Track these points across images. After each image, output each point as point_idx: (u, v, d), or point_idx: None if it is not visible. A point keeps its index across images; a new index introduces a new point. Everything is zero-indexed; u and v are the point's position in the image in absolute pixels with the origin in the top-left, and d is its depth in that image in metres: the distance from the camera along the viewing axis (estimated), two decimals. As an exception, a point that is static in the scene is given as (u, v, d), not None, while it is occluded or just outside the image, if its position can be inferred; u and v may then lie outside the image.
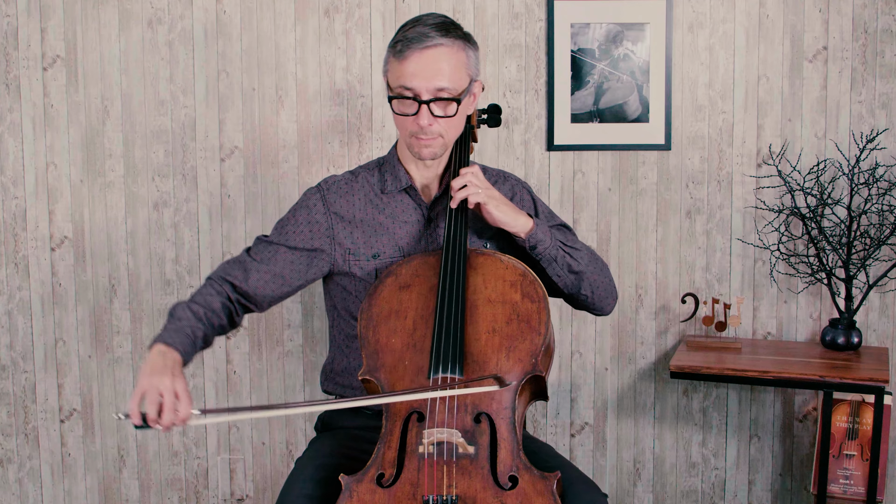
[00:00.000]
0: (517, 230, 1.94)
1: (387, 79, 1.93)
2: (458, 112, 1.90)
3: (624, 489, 3.06)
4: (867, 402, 2.73)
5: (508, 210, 1.93)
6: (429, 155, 1.93)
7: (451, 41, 1.87)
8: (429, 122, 1.87)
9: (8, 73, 3.03)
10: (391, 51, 1.90)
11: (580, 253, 2.01)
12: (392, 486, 1.70)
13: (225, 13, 2.99)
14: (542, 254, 1.95)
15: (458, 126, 1.95)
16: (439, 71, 1.85)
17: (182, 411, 1.70)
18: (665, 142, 2.92)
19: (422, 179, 2.03)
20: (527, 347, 1.79)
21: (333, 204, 2.01)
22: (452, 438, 1.72)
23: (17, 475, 3.18)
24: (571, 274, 1.99)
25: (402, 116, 1.90)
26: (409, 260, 1.91)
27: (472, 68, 1.92)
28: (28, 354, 3.12)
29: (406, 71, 1.85)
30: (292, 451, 3.11)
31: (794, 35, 2.87)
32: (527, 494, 1.68)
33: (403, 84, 1.86)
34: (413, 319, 1.83)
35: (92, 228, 3.07)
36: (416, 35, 1.86)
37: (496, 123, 2.21)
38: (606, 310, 2.10)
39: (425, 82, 1.85)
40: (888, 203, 2.83)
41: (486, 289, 1.85)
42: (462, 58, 1.89)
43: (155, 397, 1.70)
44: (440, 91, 1.86)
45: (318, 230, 1.99)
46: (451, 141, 1.96)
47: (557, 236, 2.00)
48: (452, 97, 1.87)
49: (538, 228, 1.94)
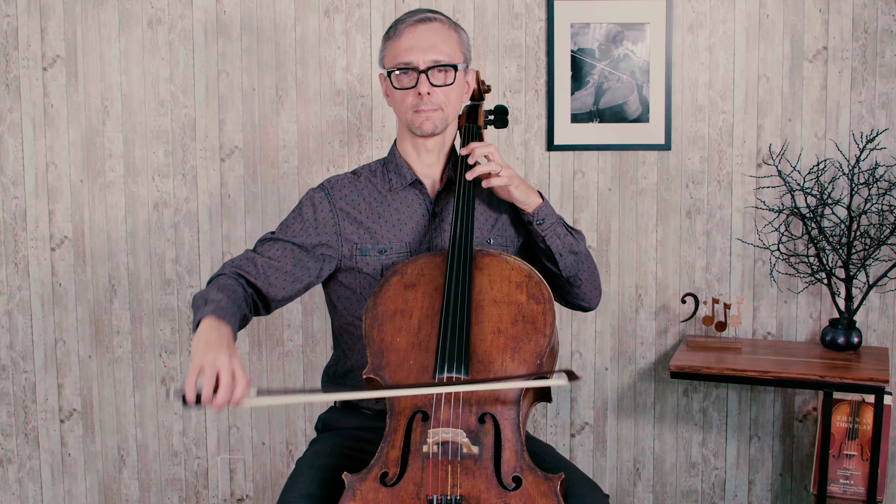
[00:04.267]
0: (528, 205, 1.97)
1: (383, 65, 1.99)
2: (456, 81, 1.95)
3: (624, 489, 3.07)
4: (867, 402, 2.73)
5: (524, 189, 1.97)
6: (430, 128, 1.95)
7: (441, 18, 1.97)
8: (428, 91, 1.92)
9: (8, 73, 3.03)
10: (385, 38, 1.98)
11: (579, 235, 2.06)
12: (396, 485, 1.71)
13: (225, 13, 2.99)
14: (547, 229, 1.98)
15: (457, 101, 1.99)
16: (434, 43, 1.92)
17: (238, 392, 1.63)
18: (665, 142, 2.92)
19: (425, 173, 2.04)
20: (532, 349, 1.79)
21: (339, 201, 2.01)
22: (457, 438, 1.72)
23: (17, 475, 3.18)
24: (572, 254, 2.01)
25: (401, 92, 1.94)
26: (414, 259, 1.92)
27: (465, 49, 1.99)
28: (28, 354, 3.12)
29: (402, 47, 1.93)
30: (292, 451, 3.11)
31: (794, 35, 2.87)
32: (530, 495, 1.68)
33: (401, 59, 1.93)
34: (418, 319, 1.84)
35: (92, 228, 3.07)
36: (407, 16, 1.95)
37: (503, 124, 2.22)
38: (595, 302, 2.13)
39: (421, 54, 1.91)
40: (888, 203, 2.83)
41: (491, 289, 1.86)
42: (454, 35, 1.97)
43: (212, 375, 1.62)
44: (437, 61, 1.92)
45: (325, 227, 2.00)
46: (451, 116, 1.99)
47: (560, 217, 2.04)
48: (449, 64, 1.92)
49: (546, 204, 1.99)
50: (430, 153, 2.02)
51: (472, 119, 2.09)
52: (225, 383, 1.62)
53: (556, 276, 2.04)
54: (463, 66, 1.97)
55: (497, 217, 2.05)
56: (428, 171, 2.04)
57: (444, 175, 2.04)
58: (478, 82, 2.12)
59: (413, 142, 2.01)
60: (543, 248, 1.99)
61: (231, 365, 1.64)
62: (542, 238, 1.98)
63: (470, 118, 2.10)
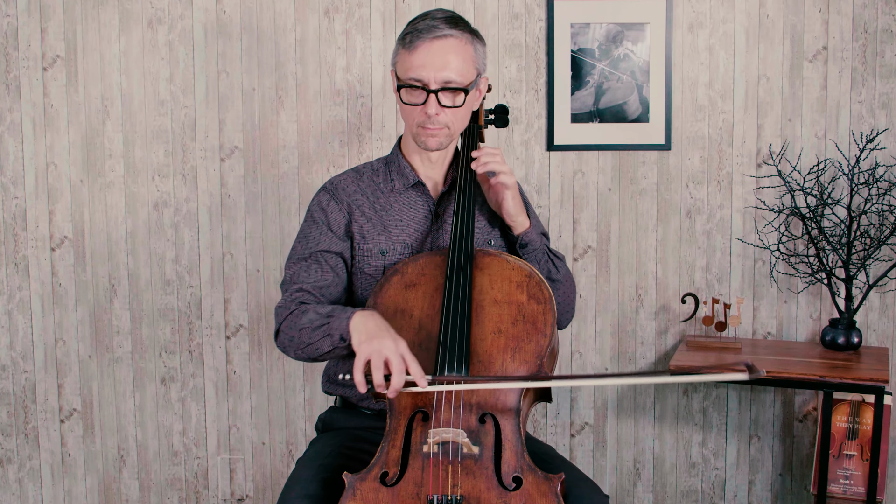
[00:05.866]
0: (516, 224, 1.98)
1: (395, 71, 1.95)
2: (465, 104, 1.93)
3: (624, 489, 3.06)
4: (867, 402, 2.74)
5: (518, 203, 1.98)
6: (435, 145, 1.95)
7: (459, 33, 1.90)
8: (436, 112, 1.89)
9: (8, 73, 3.03)
10: (401, 42, 1.92)
11: (561, 263, 2.06)
12: (396, 484, 1.71)
13: (225, 13, 2.99)
14: (529, 254, 1.99)
15: (464, 119, 1.98)
16: (448, 62, 1.88)
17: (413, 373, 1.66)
18: (665, 142, 2.92)
19: (427, 175, 2.04)
20: (532, 349, 1.79)
21: (346, 198, 2.01)
22: (457, 438, 1.72)
23: (17, 475, 3.17)
24: (548, 280, 2.01)
25: (409, 106, 1.92)
26: (415, 258, 1.92)
27: (480, 62, 1.95)
28: (28, 354, 3.12)
29: (416, 62, 1.88)
30: (292, 451, 3.11)
31: (794, 35, 2.87)
32: (531, 495, 1.69)
33: (412, 75, 1.89)
34: (419, 318, 1.84)
35: (92, 228, 3.07)
36: (425, 27, 1.89)
37: (504, 124, 2.22)
38: (563, 324, 2.12)
39: (434, 72, 1.88)
40: (888, 203, 2.83)
41: (492, 289, 1.86)
42: (470, 51, 1.92)
43: (379, 362, 1.65)
44: (448, 82, 1.88)
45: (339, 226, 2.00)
46: (457, 133, 1.98)
47: (545, 242, 2.04)
48: (460, 87, 1.89)
49: (533, 229, 1.99)
50: (433, 162, 2.03)
51: (473, 119, 2.09)
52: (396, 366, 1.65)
53: None
54: (475, 84, 1.94)
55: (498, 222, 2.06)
56: (431, 174, 2.04)
57: (448, 177, 2.04)
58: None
59: (417, 147, 2.01)
60: None
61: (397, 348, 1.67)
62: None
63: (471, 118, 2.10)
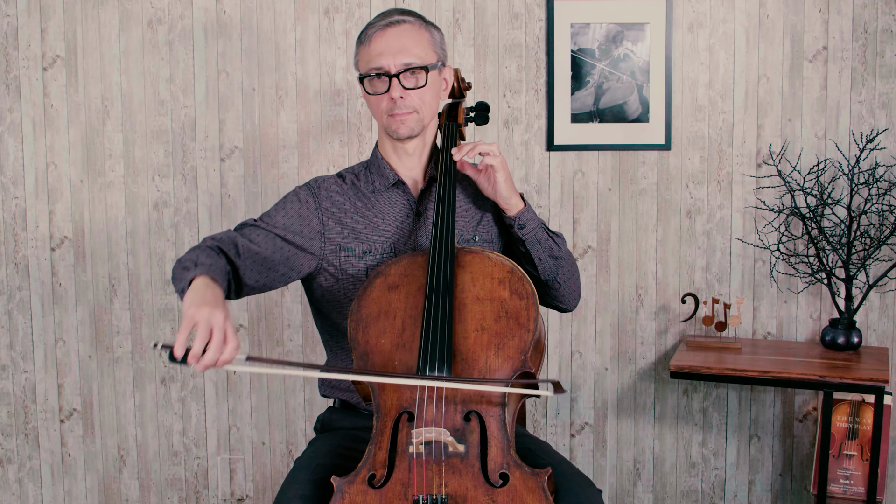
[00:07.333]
0: (510, 207, 1.98)
1: (358, 71, 1.99)
2: (428, 83, 1.95)
3: (624, 489, 3.06)
4: (867, 402, 2.73)
5: (510, 184, 1.97)
6: (406, 131, 1.96)
7: (413, 19, 1.96)
8: (401, 95, 1.92)
9: (8, 73, 3.03)
10: (358, 43, 1.99)
11: (560, 240, 2.06)
12: (383, 486, 1.70)
13: (225, 13, 2.99)
14: (528, 234, 1.98)
15: (432, 102, 1.99)
16: (404, 45, 1.92)
17: (228, 352, 1.59)
18: (665, 142, 2.92)
19: (407, 174, 2.04)
20: (515, 344, 1.79)
21: (325, 201, 2.02)
22: (442, 437, 1.71)
23: (17, 475, 3.18)
24: (551, 258, 2.02)
25: (375, 97, 1.95)
26: (397, 260, 1.92)
27: (438, 48, 1.99)
28: (28, 354, 3.12)
29: (373, 51, 1.93)
30: (292, 451, 3.11)
31: (794, 35, 2.87)
32: (518, 491, 1.68)
33: (372, 64, 1.93)
34: (402, 319, 1.83)
35: (92, 228, 3.07)
36: (377, 20, 1.96)
37: (484, 121, 2.20)
38: (572, 304, 2.13)
39: (392, 58, 1.92)
40: (888, 203, 2.83)
41: (474, 287, 1.85)
42: (426, 35, 1.96)
43: (205, 333, 1.58)
44: (408, 64, 1.92)
45: (308, 224, 1.99)
46: (427, 118, 1.99)
47: (542, 221, 2.04)
48: (420, 66, 1.93)
49: (528, 209, 1.99)
50: (410, 156, 2.04)
51: (453, 117, 2.09)
52: (217, 341, 1.58)
53: (535, 278, 2.04)
54: (436, 66, 1.97)
55: (482, 215, 2.06)
56: (410, 172, 2.05)
57: (427, 174, 2.05)
58: (457, 80, 2.10)
59: (393, 144, 2.02)
60: (523, 251, 2.01)
61: (224, 324, 1.60)
62: (522, 242, 1.99)
63: (450, 116, 2.10)
